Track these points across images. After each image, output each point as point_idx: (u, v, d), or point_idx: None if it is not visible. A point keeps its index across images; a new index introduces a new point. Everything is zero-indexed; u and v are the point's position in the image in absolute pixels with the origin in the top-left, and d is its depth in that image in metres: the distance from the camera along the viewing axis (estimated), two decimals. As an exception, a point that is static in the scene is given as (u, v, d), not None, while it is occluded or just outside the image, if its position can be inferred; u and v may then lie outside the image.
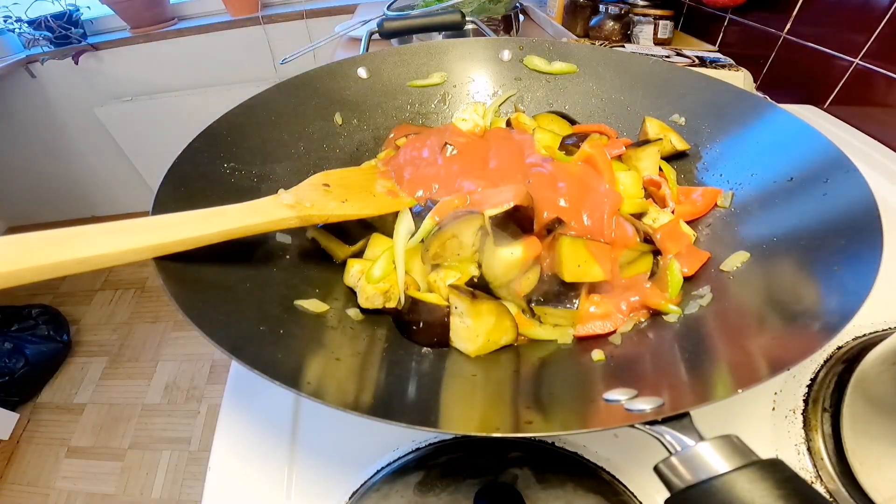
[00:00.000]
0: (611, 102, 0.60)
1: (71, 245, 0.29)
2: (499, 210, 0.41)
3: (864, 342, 0.42)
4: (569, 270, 0.39)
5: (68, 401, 1.70)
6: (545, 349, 0.39)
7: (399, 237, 0.44)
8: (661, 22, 1.07)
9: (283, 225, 0.39)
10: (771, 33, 0.88)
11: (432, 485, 0.35)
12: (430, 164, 0.51)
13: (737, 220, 0.45)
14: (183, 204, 0.37)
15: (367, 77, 0.60)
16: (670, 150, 0.53)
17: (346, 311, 0.41)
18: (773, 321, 0.33)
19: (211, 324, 0.30)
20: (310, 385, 0.28)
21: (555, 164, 0.48)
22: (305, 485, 0.37)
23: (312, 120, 0.55)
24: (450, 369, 0.37)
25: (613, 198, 0.44)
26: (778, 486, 0.19)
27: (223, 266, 0.37)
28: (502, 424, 0.29)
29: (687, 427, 0.23)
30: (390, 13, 0.88)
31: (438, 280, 0.42)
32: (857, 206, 0.35)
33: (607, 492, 0.35)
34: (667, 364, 0.34)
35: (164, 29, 1.86)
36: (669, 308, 0.40)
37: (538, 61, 0.62)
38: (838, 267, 0.32)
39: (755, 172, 0.46)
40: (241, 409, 0.42)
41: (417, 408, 0.32)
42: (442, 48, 0.63)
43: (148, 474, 1.48)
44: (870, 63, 0.71)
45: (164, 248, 0.32)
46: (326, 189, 0.45)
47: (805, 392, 0.40)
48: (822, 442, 0.37)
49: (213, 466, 0.38)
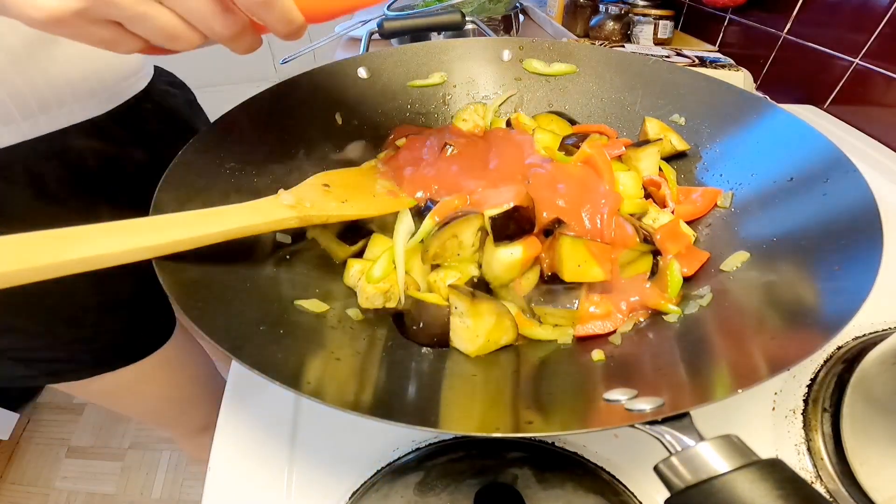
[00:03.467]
0: (611, 102, 0.60)
1: (71, 245, 0.29)
2: (499, 210, 0.41)
3: (864, 342, 0.42)
4: (569, 270, 0.39)
5: (68, 401, 1.70)
6: (545, 349, 0.39)
7: (399, 237, 0.44)
8: (661, 22, 1.07)
9: (283, 225, 0.39)
10: (771, 33, 0.88)
11: (432, 485, 0.35)
12: (430, 164, 0.51)
13: (737, 220, 0.45)
14: (183, 204, 0.37)
15: (367, 77, 0.60)
16: (670, 150, 0.53)
17: (346, 311, 0.41)
18: (773, 321, 0.33)
19: (211, 324, 0.30)
20: (310, 385, 0.28)
21: (554, 165, 0.48)
22: (305, 485, 0.37)
23: (312, 120, 0.55)
24: (450, 369, 0.37)
25: (613, 198, 0.44)
26: (778, 486, 0.19)
27: (223, 266, 0.37)
28: (502, 424, 0.29)
29: (687, 427, 0.23)
30: (390, 13, 0.88)
31: (438, 280, 0.42)
32: (857, 206, 0.35)
33: (607, 492, 0.35)
34: (667, 364, 0.34)
35: (164, 29, 1.86)
36: (669, 308, 0.40)
37: (537, 64, 0.62)
38: (838, 267, 0.32)
39: (755, 172, 0.46)
40: (241, 409, 0.42)
41: (417, 408, 0.32)
42: (442, 48, 0.63)
43: (148, 474, 1.48)
44: (870, 63, 0.71)
45: (164, 248, 0.32)
46: (326, 189, 0.45)
47: (805, 392, 0.40)
48: (822, 442, 0.37)
49: (213, 466, 0.38)
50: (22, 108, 0.46)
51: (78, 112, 0.52)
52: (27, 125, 0.47)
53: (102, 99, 0.55)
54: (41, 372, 0.58)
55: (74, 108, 0.52)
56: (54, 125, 0.50)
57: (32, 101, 0.47)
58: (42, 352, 0.56)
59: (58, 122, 0.50)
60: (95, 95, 0.54)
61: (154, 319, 0.68)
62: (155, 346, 0.68)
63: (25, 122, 0.47)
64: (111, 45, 0.28)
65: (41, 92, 0.48)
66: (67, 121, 0.51)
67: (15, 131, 0.47)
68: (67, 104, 0.51)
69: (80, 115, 0.52)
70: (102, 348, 0.61)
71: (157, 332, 0.69)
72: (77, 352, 0.59)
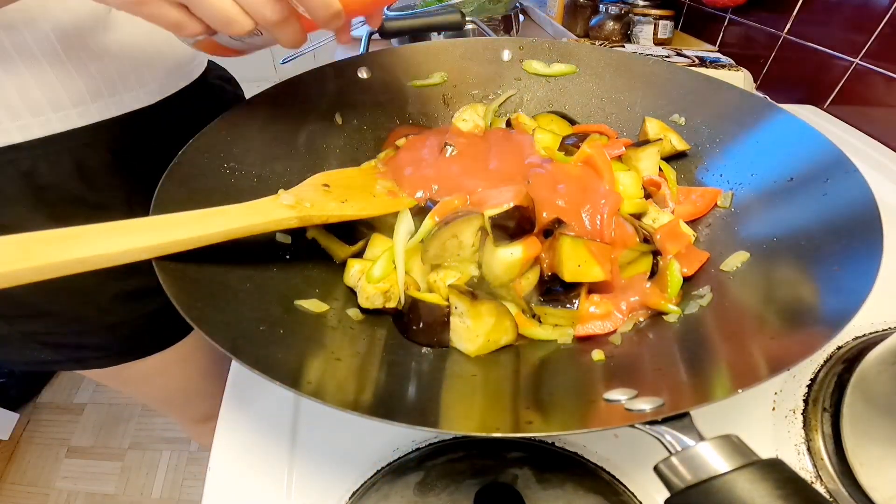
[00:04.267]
0: (611, 102, 0.60)
1: (71, 245, 0.29)
2: (499, 210, 0.41)
3: (864, 342, 0.43)
4: (569, 270, 0.39)
5: (68, 401, 1.70)
6: (545, 349, 0.39)
7: (399, 237, 0.44)
8: (661, 22, 1.07)
9: (283, 225, 0.39)
10: (771, 33, 0.88)
11: (432, 485, 0.35)
12: (429, 164, 0.51)
13: (737, 220, 0.45)
14: (183, 204, 0.37)
15: (367, 77, 0.60)
16: (670, 150, 0.53)
17: (346, 311, 0.41)
18: (773, 321, 0.33)
19: (211, 324, 0.30)
20: (310, 385, 0.28)
21: (554, 165, 0.48)
22: (305, 485, 0.37)
23: (312, 120, 0.55)
24: (450, 369, 0.37)
25: (613, 198, 0.44)
26: (778, 486, 0.19)
27: (223, 266, 0.37)
28: (502, 424, 0.29)
29: (687, 427, 0.23)
30: (390, 13, 0.88)
31: (438, 280, 0.42)
32: (857, 206, 0.35)
33: (607, 492, 0.35)
34: (667, 364, 0.34)
35: (164, 29, 1.86)
36: (669, 308, 0.40)
37: (537, 65, 0.62)
38: (838, 267, 0.32)
39: (755, 172, 0.46)
40: (241, 410, 0.42)
41: (417, 408, 0.32)
42: (442, 48, 0.63)
43: (148, 474, 1.48)
44: (870, 63, 0.71)
45: (164, 248, 0.32)
46: (326, 189, 0.45)
47: (805, 392, 0.40)
48: (822, 442, 0.37)
49: (213, 466, 0.38)
50: (73, 93, 0.46)
51: (128, 101, 0.52)
52: (76, 112, 0.47)
53: (153, 89, 0.54)
54: (68, 358, 0.59)
55: (125, 98, 0.51)
56: (105, 113, 0.49)
57: (83, 86, 0.46)
58: (71, 337, 0.57)
59: (108, 111, 0.50)
60: (145, 84, 0.53)
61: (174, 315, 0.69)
62: (179, 337, 0.68)
63: (75, 110, 0.46)
64: (177, 27, 0.32)
65: (92, 78, 0.47)
66: (118, 109, 0.51)
67: (63, 119, 0.46)
68: (119, 92, 0.50)
69: (130, 104, 0.52)
70: (130, 336, 0.62)
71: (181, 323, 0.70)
72: (106, 339, 0.59)
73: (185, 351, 0.70)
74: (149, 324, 0.63)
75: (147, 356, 0.65)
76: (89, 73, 0.47)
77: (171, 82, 0.57)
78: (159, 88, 0.55)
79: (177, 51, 0.57)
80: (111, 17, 0.48)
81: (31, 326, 0.54)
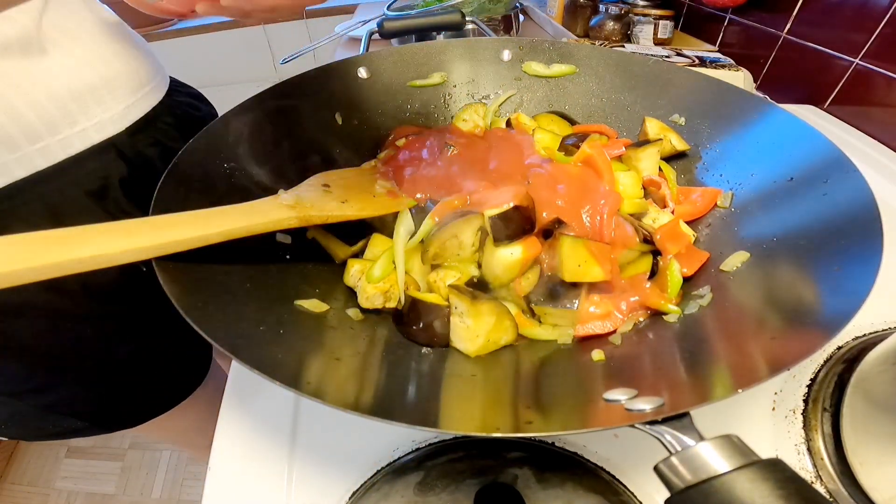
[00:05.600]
0: (611, 102, 0.60)
1: (71, 245, 0.29)
2: (499, 210, 0.41)
3: (864, 342, 0.42)
4: (569, 270, 0.39)
5: (68, 401, 1.70)
6: (545, 349, 0.39)
7: (399, 237, 0.44)
8: (661, 22, 1.07)
9: (283, 225, 0.39)
10: (771, 33, 0.88)
11: (432, 485, 0.35)
12: (429, 164, 0.51)
13: (737, 220, 0.45)
14: (183, 204, 0.37)
15: (367, 77, 0.60)
16: (670, 150, 0.53)
17: (346, 311, 0.41)
18: (773, 321, 0.33)
19: (211, 324, 0.30)
20: (310, 385, 0.28)
21: (554, 165, 0.48)
22: (305, 485, 0.37)
23: (313, 120, 0.55)
24: (450, 369, 0.37)
25: (613, 198, 0.44)
26: (778, 486, 0.19)
27: (223, 266, 0.37)
28: (502, 424, 0.29)
29: (687, 427, 0.23)
30: (390, 13, 0.88)
31: (438, 280, 0.42)
32: (857, 207, 0.35)
33: (607, 492, 0.35)
34: (667, 364, 0.34)
35: (164, 29, 1.86)
36: (669, 308, 0.40)
37: (537, 66, 0.62)
38: (838, 267, 0.32)
39: (755, 172, 0.46)
40: (241, 409, 0.42)
41: (417, 408, 0.32)
42: (442, 48, 0.63)
43: (148, 474, 1.48)
44: (870, 63, 0.71)
45: (164, 248, 0.32)
46: (326, 189, 0.45)
47: (805, 392, 0.40)
48: (822, 442, 0.37)
49: (213, 466, 0.38)
50: (27, 131, 0.41)
51: (92, 133, 0.48)
52: (36, 151, 0.42)
53: (116, 115, 0.51)
54: (91, 423, 0.60)
55: (88, 129, 0.47)
56: (69, 150, 0.45)
57: (36, 121, 0.42)
58: (88, 404, 0.58)
59: (72, 147, 0.46)
60: (108, 110, 0.50)
61: (189, 365, 0.72)
62: (190, 390, 0.71)
63: (33, 147, 0.42)
64: None
65: (44, 109, 0.43)
66: (82, 144, 0.47)
67: (25, 161, 0.42)
68: (79, 123, 0.47)
69: (95, 137, 0.48)
70: (145, 398, 0.64)
71: (193, 376, 0.73)
72: (118, 404, 0.61)
73: (198, 399, 0.72)
74: (164, 382, 0.66)
75: (167, 411, 0.67)
76: (39, 104, 0.42)
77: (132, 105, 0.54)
78: (123, 114, 0.52)
79: (132, 69, 0.54)
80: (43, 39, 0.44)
81: (48, 398, 0.54)
